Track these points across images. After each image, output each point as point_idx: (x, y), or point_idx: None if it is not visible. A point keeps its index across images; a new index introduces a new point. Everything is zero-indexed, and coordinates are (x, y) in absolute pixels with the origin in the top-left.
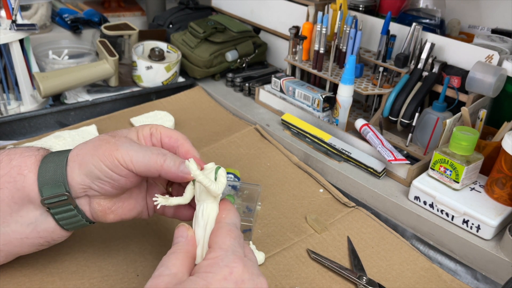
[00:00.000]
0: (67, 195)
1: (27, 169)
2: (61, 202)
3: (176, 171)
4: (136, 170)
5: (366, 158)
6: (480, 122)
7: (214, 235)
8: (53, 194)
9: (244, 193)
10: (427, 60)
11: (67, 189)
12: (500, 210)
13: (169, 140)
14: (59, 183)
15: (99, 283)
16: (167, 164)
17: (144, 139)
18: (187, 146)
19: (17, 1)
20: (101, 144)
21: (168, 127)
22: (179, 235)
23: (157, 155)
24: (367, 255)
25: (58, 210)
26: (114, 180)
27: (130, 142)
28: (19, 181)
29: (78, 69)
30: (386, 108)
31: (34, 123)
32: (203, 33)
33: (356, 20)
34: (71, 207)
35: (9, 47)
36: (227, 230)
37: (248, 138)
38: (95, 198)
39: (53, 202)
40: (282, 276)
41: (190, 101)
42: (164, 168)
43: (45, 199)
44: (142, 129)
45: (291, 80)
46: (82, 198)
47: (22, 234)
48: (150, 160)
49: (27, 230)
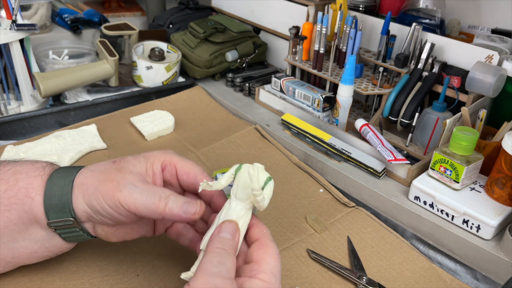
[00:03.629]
0: (72, 220)
1: (34, 192)
2: (67, 225)
3: (178, 212)
4: (138, 213)
5: (366, 158)
6: (480, 122)
7: (268, 254)
8: (59, 218)
9: None
10: (427, 60)
11: (73, 215)
12: (500, 210)
13: (187, 177)
14: (65, 209)
15: (99, 283)
16: (169, 207)
17: (153, 175)
18: None
19: (17, 1)
20: (105, 180)
21: (168, 127)
22: (226, 230)
23: (159, 199)
24: (367, 255)
25: (64, 231)
26: (113, 217)
27: (135, 181)
28: (27, 204)
29: (78, 69)
30: (386, 108)
31: (34, 123)
32: (203, 33)
33: (356, 20)
34: (76, 229)
35: (9, 47)
36: (276, 252)
37: (248, 138)
38: (98, 224)
39: (60, 225)
40: (282, 276)
41: (190, 101)
42: (166, 212)
43: (51, 222)
44: (152, 163)
45: (291, 80)
46: (87, 223)
47: (31, 249)
48: (152, 205)
49: (36, 246)
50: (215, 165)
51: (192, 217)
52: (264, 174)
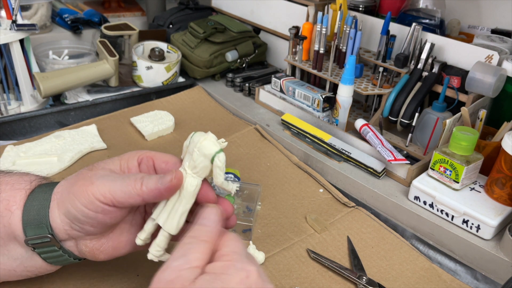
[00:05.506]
0: (50, 237)
1: (15, 205)
2: (45, 243)
3: (155, 185)
4: (116, 200)
5: (366, 158)
6: (480, 122)
7: (226, 239)
8: (36, 235)
9: (244, 193)
10: (427, 60)
11: (50, 231)
12: (500, 210)
13: (166, 165)
14: (42, 224)
15: (99, 283)
16: (145, 185)
17: (129, 170)
18: None
19: (17, 1)
20: (77, 180)
21: (168, 127)
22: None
23: (134, 180)
24: (367, 255)
25: (43, 250)
26: (91, 218)
27: (108, 173)
28: (6, 217)
29: (78, 69)
30: (386, 108)
31: (34, 123)
32: (203, 33)
33: (356, 20)
34: (55, 248)
35: (9, 47)
36: (236, 236)
37: (248, 138)
38: (80, 240)
39: (37, 243)
40: (282, 276)
41: (190, 101)
42: (144, 190)
43: (28, 239)
44: (127, 160)
45: (291, 80)
46: (68, 241)
47: (10, 267)
48: (129, 185)
49: (14, 264)
50: None
51: (170, 185)
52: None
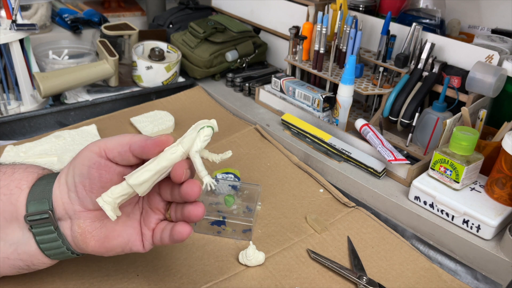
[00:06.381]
0: (49, 213)
1: (26, 184)
2: (43, 220)
3: (144, 136)
4: (108, 148)
5: (366, 158)
6: (480, 122)
7: None
8: (36, 210)
9: (244, 193)
10: (427, 60)
11: (50, 207)
12: (500, 210)
13: None
14: (44, 199)
15: (99, 283)
16: (135, 135)
17: None
18: None
19: (17, 1)
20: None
21: (168, 127)
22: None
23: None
24: (367, 255)
25: (39, 230)
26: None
27: None
28: (15, 195)
29: (78, 69)
30: (386, 108)
31: (34, 123)
32: (203, 33)
33: (356, 20)
34: (51, 229)
35: (9, 47)
36: None
37: (248, 138)
38: (76, 220)
39: (35, 219)
40: (282, 276)
41: (190, 101)
42: (133, 138)
43: (28, 215)
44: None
45: (291, 80)
46: (64, 221)
47: (4, 253)
48: (120, 136)
49: (9, 250)
50: (215, 165)
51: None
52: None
